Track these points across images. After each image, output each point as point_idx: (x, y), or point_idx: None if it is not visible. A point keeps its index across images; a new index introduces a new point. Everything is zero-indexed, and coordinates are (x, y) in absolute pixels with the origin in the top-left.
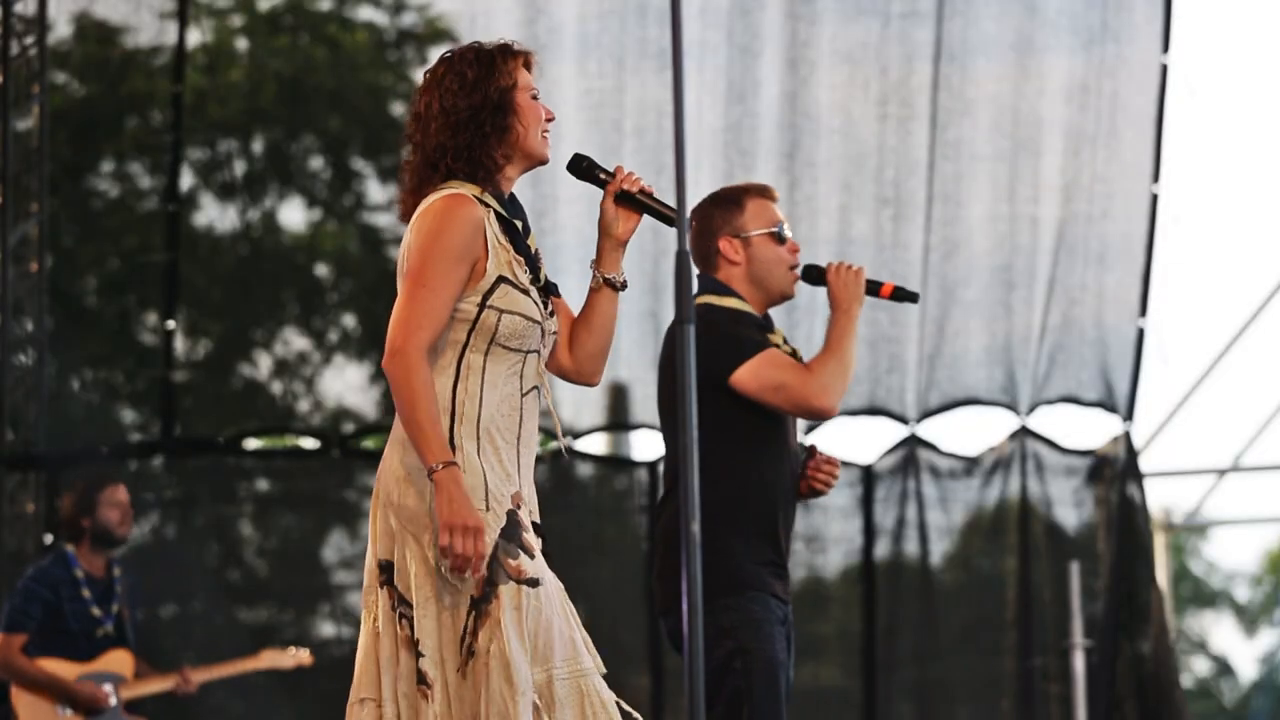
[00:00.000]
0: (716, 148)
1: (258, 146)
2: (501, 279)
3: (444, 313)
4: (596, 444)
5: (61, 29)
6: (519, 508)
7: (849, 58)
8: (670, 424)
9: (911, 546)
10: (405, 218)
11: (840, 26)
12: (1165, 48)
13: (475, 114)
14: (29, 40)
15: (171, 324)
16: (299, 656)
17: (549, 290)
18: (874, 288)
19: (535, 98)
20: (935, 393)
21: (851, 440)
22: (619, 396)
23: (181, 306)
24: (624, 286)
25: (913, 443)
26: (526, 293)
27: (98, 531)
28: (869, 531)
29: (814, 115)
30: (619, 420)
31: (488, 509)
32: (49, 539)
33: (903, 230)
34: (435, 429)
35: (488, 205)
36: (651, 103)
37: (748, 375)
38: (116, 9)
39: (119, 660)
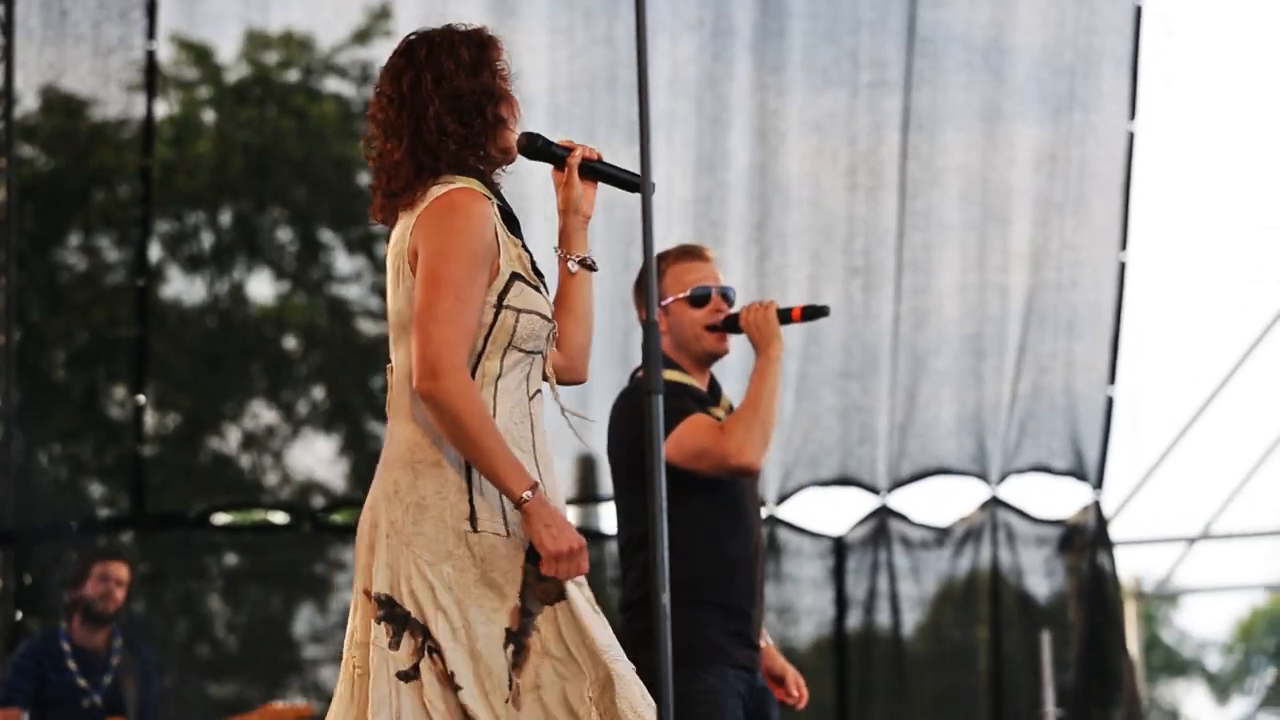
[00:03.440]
0: (687, 219)
1: (225, 218)
2: (515, 275)
3: (475, 323)
4: (567, 517)
5: (29, 101)
6: None
7: (817, 128)
8: (626, 498)
9: (883, 617)
10: (387, 218)
11: (809, 97)
12: (1132, 115)
13: (479, 100)
14: None
15: (141, 398)
16: (298, 708)
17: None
18: (785, 317)
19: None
20: (906, 463)
21: (822, 511)
22: (588, 469)
23: (150, 380)
24: (595, 267)
25: (884, 513)
26: (538, 289)
27: (81, 605)
28: (840, 602)
29: (783, 185)
30: (589, 493)
31: (508, 534)
32: (19, 615)
33: (872, 300)
34: (508, 453)
35: (489, 198)
36: None
37: (671, 448)
38: (84, 82)
39: None
